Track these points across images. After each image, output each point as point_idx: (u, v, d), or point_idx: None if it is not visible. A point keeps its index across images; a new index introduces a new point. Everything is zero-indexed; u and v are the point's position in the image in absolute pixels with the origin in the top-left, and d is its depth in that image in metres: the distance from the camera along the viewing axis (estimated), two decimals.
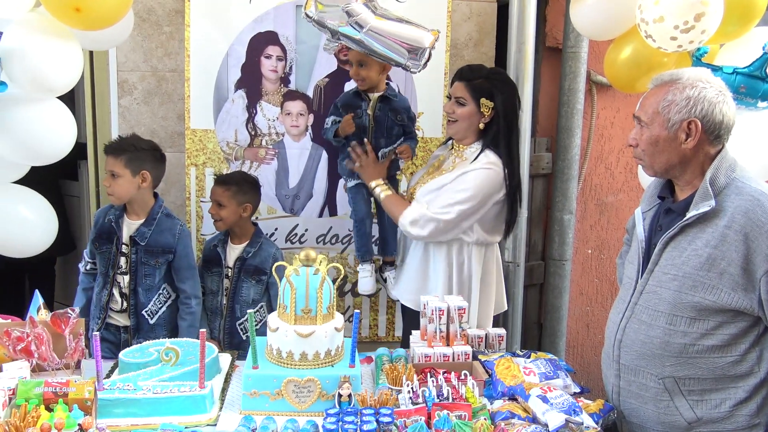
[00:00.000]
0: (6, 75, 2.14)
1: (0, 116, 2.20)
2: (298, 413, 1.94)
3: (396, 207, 2.60)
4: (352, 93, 2.74)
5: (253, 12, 3.02)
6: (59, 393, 1.79)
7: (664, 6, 2.09)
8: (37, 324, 2.07)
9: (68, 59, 2.19)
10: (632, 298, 1.88)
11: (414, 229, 2.52)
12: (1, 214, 2.38)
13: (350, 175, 2.77)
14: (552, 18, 3.31)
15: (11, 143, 2.27)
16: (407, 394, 1.87)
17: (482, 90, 2.49)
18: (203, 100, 3.06)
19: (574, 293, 3.54)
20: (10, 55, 2.11)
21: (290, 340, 1.98)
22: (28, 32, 2.12)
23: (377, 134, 2.70)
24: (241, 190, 2.78)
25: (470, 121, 2.53)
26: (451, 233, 2.53)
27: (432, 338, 2.22)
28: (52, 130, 2.30)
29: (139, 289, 2.68)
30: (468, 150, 2.57)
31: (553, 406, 1.77)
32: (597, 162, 3.46)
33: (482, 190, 2.47)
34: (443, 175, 2.57)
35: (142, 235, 2.66)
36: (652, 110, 1.81)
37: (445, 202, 2.48)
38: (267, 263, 2.81)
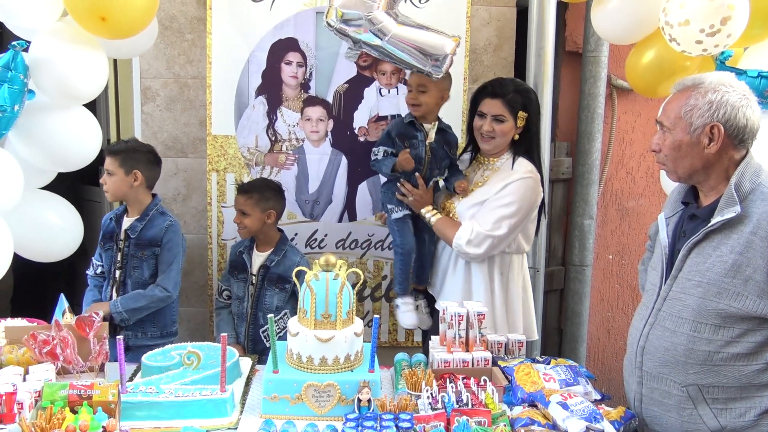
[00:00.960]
0: (34, 83, 2.19)
1: (27, 123, 2.24)
2: (317, 417, 1.95)
3: (449, 229, 2.56)
4: (407, 123, 2.67)
5: (274, 19, 3.05)
6: (84, 395, 1.82)
7: (690, 9, 2.07)
8: (63, 327, 2.11)
9: (94, 68, 2.24)
10: (655, 305, 1.86)
11: (470, 248, 2.49)
12: (29, 219, 2.42)
13: (398, 205, 2.69)
14: (572, 22, 3.31)
15: (38, 150, 2.31)
16: (426, 399, 1.87)
17: (517, 103, 2.49)
18: (224, 107, 3.10)
19: (594, 299, 3.51)
20: (39, 64, 2.16)
21: (310, 345, 1.99)
22: (55, 41, 2.17)
23: (432, 165, 2.66)
24: (264, 197, 2.79)
25: (508, 136, 2.53)
26: (503, 246, 2.53)
27: (451, 344, 2.22)
28: (78, 137, 2.35)
29: (127, 281, 2.77)
30: (499, 161, 2.56)
31: (574, 413, 1.76)
32: (618, 167, 3.44)
33: (527, 200, 2.48)
34: (482, 188, 2.55)
35: (133, 228, 2.77)
36: (675, 115, 1.80)
37: (495, 217, 2.46)
38: (290, 271, 2.76)
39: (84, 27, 2.16)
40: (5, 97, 2.09)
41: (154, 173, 2.81)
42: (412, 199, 2.64)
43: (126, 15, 2.12)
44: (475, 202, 2.53)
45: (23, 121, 2.22)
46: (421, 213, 2.65)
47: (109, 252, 2.80)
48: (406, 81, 3.08)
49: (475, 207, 2.53)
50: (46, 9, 2.16)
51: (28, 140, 2.29)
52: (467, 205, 2.56)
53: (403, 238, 2.70)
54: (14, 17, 2.20)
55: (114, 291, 2.78)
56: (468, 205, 2.55)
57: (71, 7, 2.12)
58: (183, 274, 2.95)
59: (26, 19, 2.18)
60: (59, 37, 2.18)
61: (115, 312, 2.69)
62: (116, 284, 2.78)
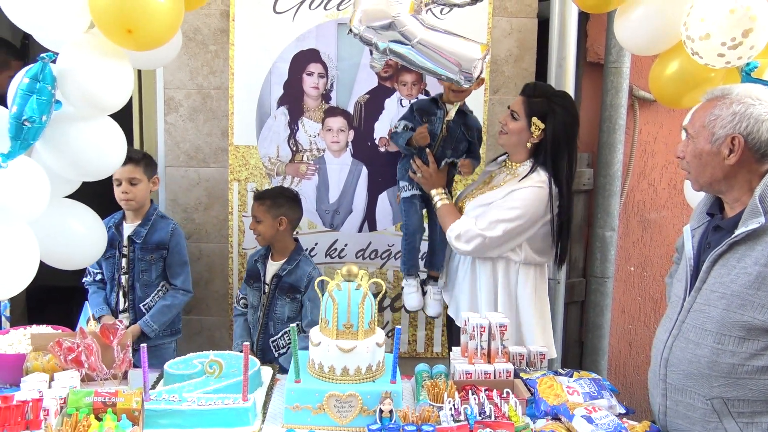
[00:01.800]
0: (61, 94, 2.22)
1: (54, 133, 2.26)
2: (339, 428, 1.95)
3: (448, 218, 2.58)
4: (430, 99, 2.74)
5: (296, 30, 3.08)
6: (108, 403, 1.84)
7: (710, 23, 2.05)
8: (87, 335, 2.13)
9: (120, 79, 2.25)
10: (679, 316, 1.84)
11: (459, 243, 2.51)
12: (54, 227, 2.44)
13: (409, 183, 2.73)
14: (593, 33, 3.30)
15: (65, 160, 2.33)
16: (449, 411, 1.86)
17: (537, 109, 2.46)
18: (246, 117, 3.13)
19: (616, 311, 3.48)
20: (66, 75, 2.17)
21: (332, 355, 1.99)
22: (82, 53, 2.19)
23: (446, 144, 2.68)
24: (276, 204, 2.81)
25: (519, 136, 2.51)
26: (496, 250, 2.51)
27: (473, 355, 2.21)
28: (104, 147, 2.36)
29: (136, 284, 2.86)
30: (521, 167, 2.55)
31: (599, 427, 1.74)
32: (640, 178, 3.42)
33: (531, 209, 2.44)
34: (493, 191, 2.55)
35: (138, 234, 2.85)
36: (699, 123, 1.80)
37: (493, 218, 2.46)
38: (302, 282, 2.82)
39: (111, 39, 2.18)
40: (34, 108, 2.12)
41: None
42: (420, 176, 2.66)
43: (152, 27, 2.13)
44: (483, 203, 2.53)
45: (50, 132, 2.24)
46: (430, 194, 2.67)
47: (111, 259, 2.87)
48: (426, 92, 3.10)
49: (482, 207, 2.53)
50: (73, 21, 2.18)
51: (55, 150, 2.31)
52: (475, 204, 2.56)
53: (408, 218, 2.75)
54: (43, 29, 2.23)
55: (121, 296, 2.87)
56: (475, 204, 2.56)
57: (98, 20, 2.14)
58: (203, 284, 2.99)
59: (54, 31, 2.21)
60: (86, 49, 2.20)
61: (150, 331, 2.82)
62: (123, 289, 2.86)
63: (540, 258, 2.57)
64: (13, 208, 2.18)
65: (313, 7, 3.06)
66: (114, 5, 2.08)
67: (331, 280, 2.06)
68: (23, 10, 2.16)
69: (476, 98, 3.14)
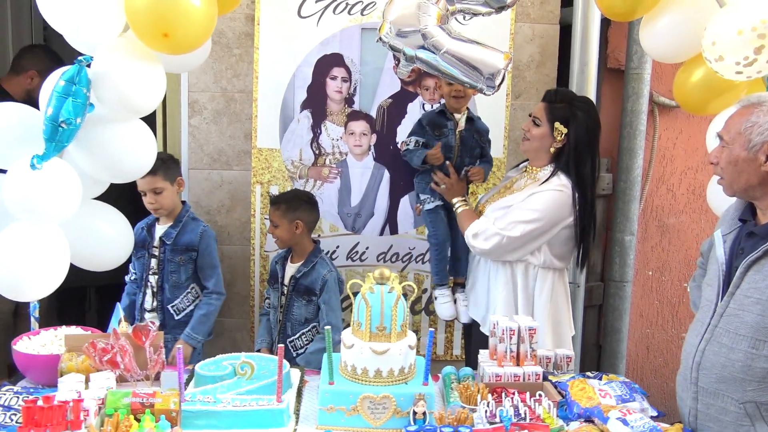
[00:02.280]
0: (95, 97, 2.24)
1: (87, 135, 2.28)
2: (372, 429, 1.97)
3: (466, 221, 2.62)
4: (437, 112, 2.78)
5: (320, 35, 3.10)
6: (146, 403, 1.86)
7: (721, 46, 2.09)
8: (120, 336, 2.14)
9: (154, 82, 2.28)
10: (712, 321, 1.86)
11: (477, 242, 2.53)
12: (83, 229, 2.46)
13: (431, 195, 2.78)
14: (614, 40, 3.32)
15: (96, 161, 2.35)
16: (483, 413, 1.88)
17: (559, 115, 2.50)
18: (270, 120, 3.15)
19: (633, 315, 3.50)
20: (100, 78, 2.20)
21: (366, 357, 2.01)
22: (117, 56, 2.21)
23: (462, 153, 2.75)
24: (291, 208, 2.83)
25: (542, 142, 2.54)
26: (515, 253, 2.53)
27: (502, 358, 2.23)
28: (135, 149, 2.39)
29: (165, 285, 2.88)
30: (541, 172, 2.57)
31: (634, 429, 1.76)
32: (659, 183, 3.44)
33: (550, 212, 2.47)
34: (513, 194, 2.58)
35: (168, 235, 2.87)
36: (735, 130, 1.83)
37: (512, 219, 2.48)
38: (316, 284, 2.84)
39: (146, 43, 2.20)
40: (69, 110, 2.14)
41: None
42: (444, 188, 2.71)
43: (188, 31, 2.15)
44: (503, 206, 2.56)
45: (82, 134, 2.27)
46: (452, 203, 2.71)
47: (141, 260, 2.91)
48: None
49: (502, 210, 2.55)
50: (109, 25, 2.21)
51: (87, 152, 2.33)
52: (495, 207, 2.59)
53: (437, 229, 2.79)
54: (79, 32, 2.25)
55: (150, 296, 2.90)
56: (495, 207, 2.58)
57: (135, 24, 2.16)
58: (225, 286, 3.01)
59: (90, 34, 2.23)
60: (121, 52, 2.22)
61: (196, 343, 2.86)
62: (152, 289, 2.90)
63: (559, 263, 2.59)
64: (46, 209, 2.21)
65: (337, 11, 3.09)
66: (151, 9, 2.10)
67: (364, 283, 2.08)
68: (60, 12, 2.18)
69: (498, 103, 3.17)
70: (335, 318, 2.84)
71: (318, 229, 3.21)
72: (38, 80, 3.51)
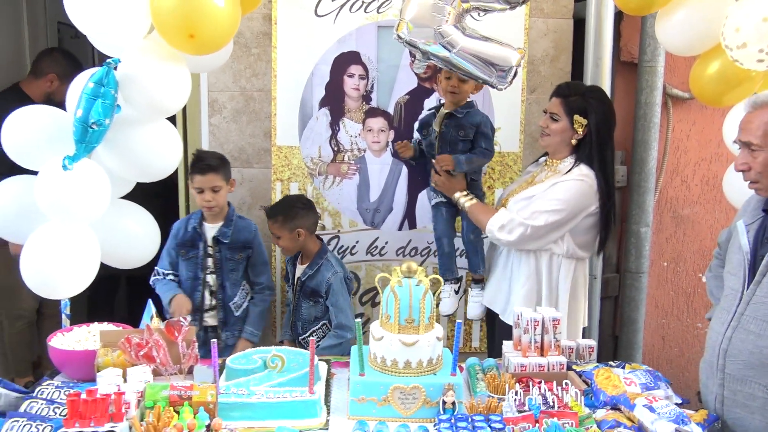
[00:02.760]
0: (123, 98, 2.28)
1: (115, 136, 2.33)
2: (403, 419, 2.01)
3: (483, 214, 2.66)
4: (431, 112, 2.86)
5: (337, 33, 3.14)
6: (184, 396, 1.91)
7: (745, 33, 2.11)
8: (153, 332, 2.19)
9: (179, 83, 2.31)
10: (738, 308, 1.90)
11: (502, 234, 2.57)
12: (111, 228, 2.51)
13: (434, 191, 2.86)
14: (627, 33, 3.35)
15: (125, 161, 2.40)
16: (512, 402, 1.92)
17: (576, 107, 2.55)
18: (289, 118, 3.20)
19: (649, 306, 3.53)
20: (128, 80, 2.24)
21: (395, 349, 2.05)
22: (144, 58, 2.25)
23: (442, 149, 2.78)
24: (288, 218, 2.87)
25: (562, 136, 2.59)
26: (539, 241, 2.57)
27: (526, 348, 2.27)
28: (162, 149, 2.43)
29: (226, 284, 2.93)
30: (561, 164, 2.62)
31: (661, 416, 1.80)
32: (673, 175, 3.47)
33: (573, 201, 2.51)
34: (535, 186, 2.62)
35: (224, 234, 2.90)
36: (762, 132, 1.83)
37: (535, 209, 2.53)
38: (322, 287, 2.90)
39: (172, 44, 2.24)
40: (99, 112, 2.18)
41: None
42: (438, 185, 2.78)
43: (213, 31, 2.19)
44: (526, 197, 2.60)
45: (111, 134, 2.31)
46: (454, 198, 2.76)
47: (193, 260, 2.92)
48: None
49: (524, 201, 2.59)
50: (135, 26, 2.25)
51: (115, 152, 2.37)
52: (518, 199, 2.62)
53: (435, 224, 2.91)
54: (106, 35, 2.30)
55: (208, 294, 2.93)
56: (518, 199, 2.62)
57: (161, 25, 2.20)
58: None
59: (117, 36, 2.28)
60: (148, 54, 2.26)
61: (257, 339, 2.96)
62: (210, 288, 2.93)
63: (582, 252, 2.63)
64: (77, 209, 2.26)
65: (353, 10, 3.12)
66: (177, 11, 2.14)
67: (392, 277, 2.12)
68: (88, 15, 2.22)
69: (513, 99, 3.20)
70: (345, 318, 2.89)
71: (338, 224, 3.27)
72: (58, 83, 3.56)
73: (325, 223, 3.26)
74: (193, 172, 2.86)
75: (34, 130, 2.31)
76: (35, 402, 1.94)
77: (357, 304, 3.33)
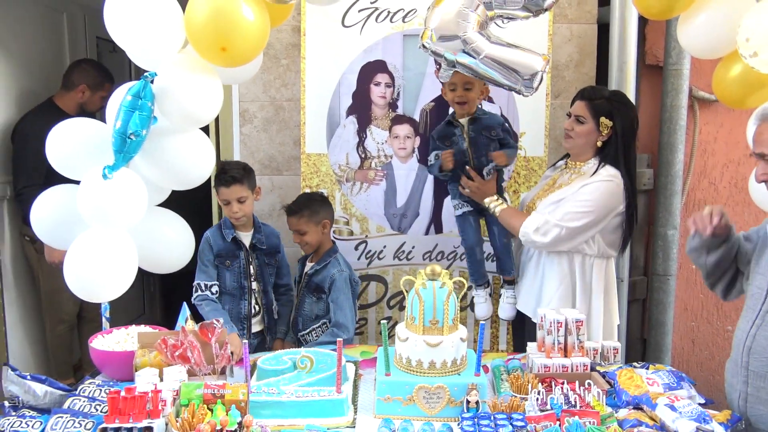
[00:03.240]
0: (158, 109, 2.39)
1: (151, 146, 2.43)
2: (427, 418, 2.07)
3: (515, 219, 2.70)
4: (444, 124, 2.88)
5: (364, 43, 3.22)
6: (217, 394, 1.98)
7: (755, 43, 2.14)
8: (188, 333, 2.29)
9: (212, 94, 2.40)
10: (763, 307, 1.92)
11: (537, 236, 2.60)
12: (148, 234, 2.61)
13: (460, 201, 2.89)
14: (651, 36, 3.36)
15: (161, 170, 2.50)
16: (534, 401, 1.96)
17: (602, 110, 2.59)
18: (317, 126, 3.28)
19: (678, 309, 3.53)
20: (163, 92, 2.34)
21: (420, 350, 2.10)
22: (179, 71, 2.35)
23: (477, 154, 2.82)
24: (313, 211, 2.93)
25: (587, 138, 2.63)
26: (572, 242, 2.61)
27: (550, 349, 2.31)
28: (196, 158, 2.52)
29: (267, 288, 3.03)
30: (585, 166, 2.66)
31: (682, 415, 1.83)
32: (700, 177, 3.46)
33: (603, 202, 2.56)
34: (562, 189, 2.66)
35: (260, 241, 2.99)
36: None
37: (567, 210, 2.57)
38: (326, 282, 2.94)
39: (205, 57, 2.34)
40: (137, 123, 2.29)
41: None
42: (469, 191, 2.79)
43: (244, 45, 2.28)
44: (555, 200, 2.64)
45: (147, 145, 2.42)
46: (484, 203, 2.79)
47: (236, 268, 2.93)
48: (490, 98, 3.21)
49: (553, 205, 2.63)
50: (170, 41, 2.36)
51: (151, 161, 2.47)
52: (547, 202, 2.66)
53: (465, 234, 2.92)
54: (142, 49, 2.40)
55: (254, 300, 2.99)
56: (547, 203, 2.66)
57: (194, 40, 2.30)
58: None
59: (154, 51, 2.39)
60: (182, 67, 2.36)
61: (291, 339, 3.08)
62: (255, 294, 3.00)
63: (611, 251, 2.68)
64: (117, 216, 2.36)
65: (379, 20, 3.20)
66: (209, 26, 2.23)
67: (416, 280, 2.18)
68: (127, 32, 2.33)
69: (538, 104, 3.23)
70: (343, 317, 2.91)
71: (365, 230, 3.34)
72: (89, 93, 3.69)
73: (353, 228, 3.33)
74: (217, 185, 2.87)
75: (76, 141, 2.42)
76: (78, 399, 2.05)
77: (385, 308, 3.40)
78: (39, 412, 1.98)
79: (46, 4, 4.12)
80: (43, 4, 4.09)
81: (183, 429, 1.82)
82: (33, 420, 1.92)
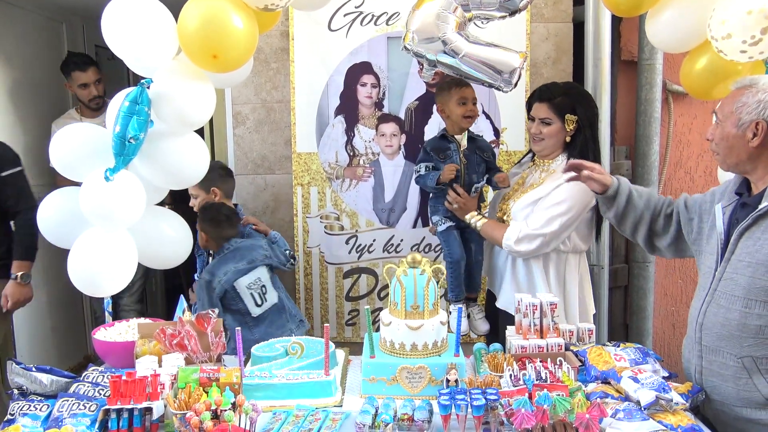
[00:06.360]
0: (155, 114, 2.52)
1: (149, 149, 2.56)
2: (410, 396, 2.20)
3: (496, 231, 2.71)
4: (438, 137, 2.87)
5: (350, 45, 3.36)
6: (212, 378, 2.12)
7: (730, 25, 2.23)
8: (185, 324, 2.43)
9: (205, 98, 2.53)
10: (711, 285, 2.05)
11: (521, 246, 2.63)
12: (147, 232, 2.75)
13: (443, 217, 2.88)
14: (626, 33, 3.49)
15: (158, 170, 2.62)
16: (509, 378, 2.10)
17: (565, 107, 2.64)
18: (307, 127, 3.42)
19: (658, 294, 3.65)
20: (159, 98, 2.47)
21: (402, 333, 2.24)
22: (172, 77, 2.47)
23: (470, 171, 2.84)
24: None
25: (557, 137, 2.68)
26: (553, 244, 2.65)
27: (527, 331, 2.44)
28: (191, 159, 2.65)
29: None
30: (554, 163, 2.71)
31: (644, 386, 1.96)
32: (676, 167, 3.59)
33: (579, 198, 2.59)
34: (535, 189, 2.68)
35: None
36: (728, 109, 2.00)
37: (546, 216, 2.60)
38: None
39: (197, 64, 2.47)
40: (135, 127, 2.42)
41: (229, 186, 3.20)
42: (456, 207, 2.81)
43: (234, 52, 2.41)
44: (529, 202, 2.66)
45: (145, 147, 2.55)
46: (466, 219, 2.81)
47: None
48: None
49: (529, 207, 2.66)
50: (164, 50, 2.49)
51: (149, 163, 2.60)
52: (522, 205, 2.68)
53: (451, 248, 2.88)
54: (139, 57, 2.54)
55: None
56: (522, 205, 2.68)
57: (187, 48, 2.43)
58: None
59: (148, 58, 2.52)
60: (176, 74, 2.49)
61: None
62: None
63: (584, 245, 2.74)
64: (117, 215, 2.49)
65: (364, 23, 3.34)
66: (201, 34, 2.35)
67: (398, 267, 2.32)
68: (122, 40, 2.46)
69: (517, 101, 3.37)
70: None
71: (355, 224, 3.48)
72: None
73: (344, 223, 3.47)
74: None
75: (78, 145, 2.55)
76: (82, 385, 2.18)
77: (376, 299, 3.54)
78: (46, 398, 2.12)
79: (46, 15, 4.27)
80: (44, 15, 4.24)
81: (180, 409, 1.96)
82: (41, 404, 2.05)
